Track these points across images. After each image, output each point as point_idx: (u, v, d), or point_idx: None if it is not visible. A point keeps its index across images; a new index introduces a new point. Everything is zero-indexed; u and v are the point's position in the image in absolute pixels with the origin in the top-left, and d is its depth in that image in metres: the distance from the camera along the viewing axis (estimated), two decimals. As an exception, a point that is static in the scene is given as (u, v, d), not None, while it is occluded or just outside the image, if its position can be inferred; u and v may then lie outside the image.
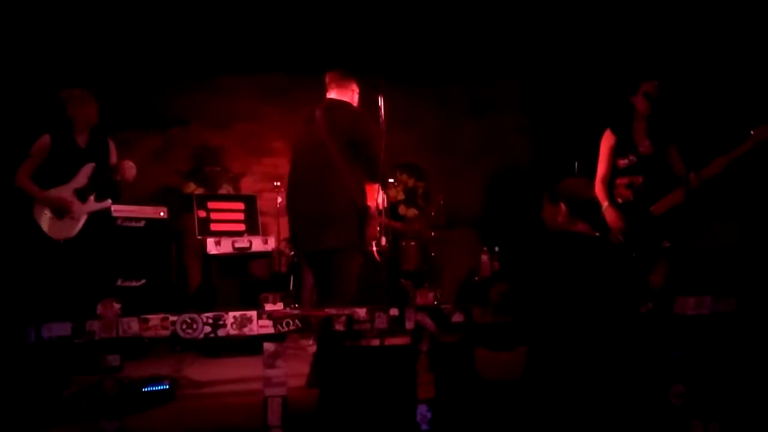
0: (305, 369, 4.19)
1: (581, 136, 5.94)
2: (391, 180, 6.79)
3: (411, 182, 7.42)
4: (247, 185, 6.90)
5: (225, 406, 3.95)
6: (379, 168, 4.14)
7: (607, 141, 4.50)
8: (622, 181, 4.44)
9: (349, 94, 4.38)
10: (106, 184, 4.70)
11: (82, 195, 4.62)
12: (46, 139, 4.62)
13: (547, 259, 3.39)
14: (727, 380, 3.48)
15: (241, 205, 6.29)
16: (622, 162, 4.41)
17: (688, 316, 3.42)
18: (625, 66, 5.71)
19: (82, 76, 5.66)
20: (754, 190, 4.90)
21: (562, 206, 3.38)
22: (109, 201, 4.77)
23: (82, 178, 4.64)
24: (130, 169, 4.72)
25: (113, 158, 4.83)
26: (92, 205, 4.66)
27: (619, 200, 4.43)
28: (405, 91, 6.64)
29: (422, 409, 3.12)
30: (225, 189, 6.76)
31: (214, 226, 6.06)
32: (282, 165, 6.97)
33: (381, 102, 4.30)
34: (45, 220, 4.56)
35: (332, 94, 4.37)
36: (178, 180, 6.70)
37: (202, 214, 6.04)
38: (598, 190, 4.45)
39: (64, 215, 4.56)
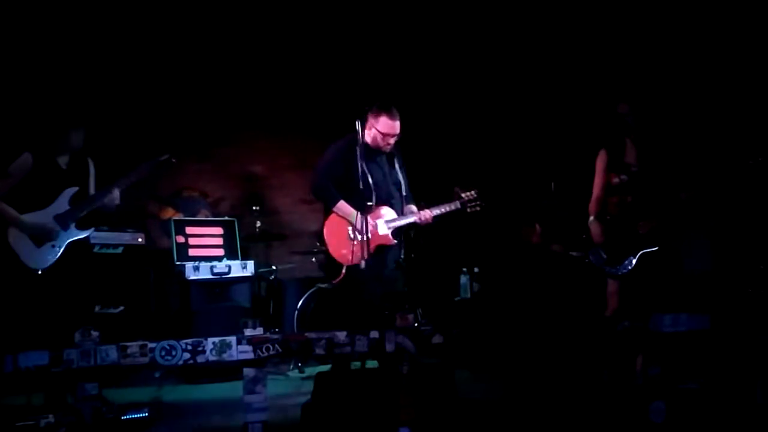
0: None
1: (558, 157, 6.02)
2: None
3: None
4: (226, 209, 6.87)
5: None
6: None
7: (601, 160, 4.56)
8: (613, 199, 4.49)
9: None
10: (94, 211, 4.36)
11: (63, 221, 4.26)
12: (27, 158, 4.22)
13: (523, 277, 3.44)
14: (703, 395, 3.52)
15: (219, 230, 6.26)
16: (615, 180, 4.46)
17: (664, 333, 3.46)
18: (608, 85, 5.80)
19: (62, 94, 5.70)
20: (726, 211, 4.99)
21: (537, 227, 3.43)
22: (92, 229, 4.43)
23: (62, 203, 4.28)
24: (112, 198, 4.34)
25: (93, 182, 4.51)
26: (74, 232, 4.30)
27: (608, 217, 4.48)
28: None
29: (404, 432, 3.13)
30: (203, 214, 6.73)
31: (192, 252, 6.01)
32: (260, 189, 6.98)
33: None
34: (22, 246, 4.18)
35: None
36: (156, 205, 6.67)
37: (181, 239, 5.99)
38: (591, 206, 4.52)
39: (45, 242, 4.22)
